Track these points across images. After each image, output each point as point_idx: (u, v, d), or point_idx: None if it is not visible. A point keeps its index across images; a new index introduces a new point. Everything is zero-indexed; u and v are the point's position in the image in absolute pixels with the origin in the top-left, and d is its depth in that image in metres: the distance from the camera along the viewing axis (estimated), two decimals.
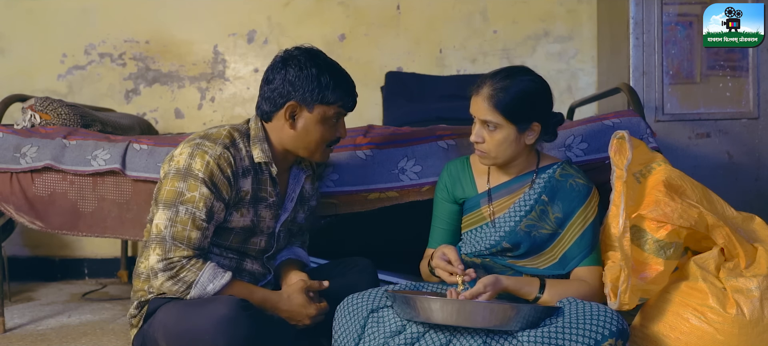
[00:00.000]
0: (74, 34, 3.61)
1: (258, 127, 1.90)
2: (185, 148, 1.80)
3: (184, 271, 1.74)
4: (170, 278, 1.74)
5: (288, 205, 1.98)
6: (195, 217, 1.75)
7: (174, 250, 1.74)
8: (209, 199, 1.76)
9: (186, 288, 1.75)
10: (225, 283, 1.77)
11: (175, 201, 1.75)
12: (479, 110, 1.82)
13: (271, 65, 1.89)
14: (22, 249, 3.58)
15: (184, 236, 1.74)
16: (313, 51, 1.89)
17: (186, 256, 1.74)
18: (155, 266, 1.74)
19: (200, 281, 1.74)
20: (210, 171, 1.76)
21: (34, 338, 2.48)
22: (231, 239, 1.87)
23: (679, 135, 3.05)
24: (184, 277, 1.74)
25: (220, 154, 1.78)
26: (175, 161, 1.79)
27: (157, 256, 1.74)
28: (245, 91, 3.65)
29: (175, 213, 1.74)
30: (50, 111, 2.49)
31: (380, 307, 1.74)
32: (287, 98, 1.84)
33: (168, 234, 1.74)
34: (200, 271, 1.75)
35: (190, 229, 1.75)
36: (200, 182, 1.75)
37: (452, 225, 1.98)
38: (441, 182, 2.01)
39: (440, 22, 3.63)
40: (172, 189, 1.76)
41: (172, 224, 1.74)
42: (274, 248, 1.98)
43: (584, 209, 1.87)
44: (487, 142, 1.83)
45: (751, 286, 1.77)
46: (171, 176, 1.77)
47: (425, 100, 3.30)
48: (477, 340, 1.62)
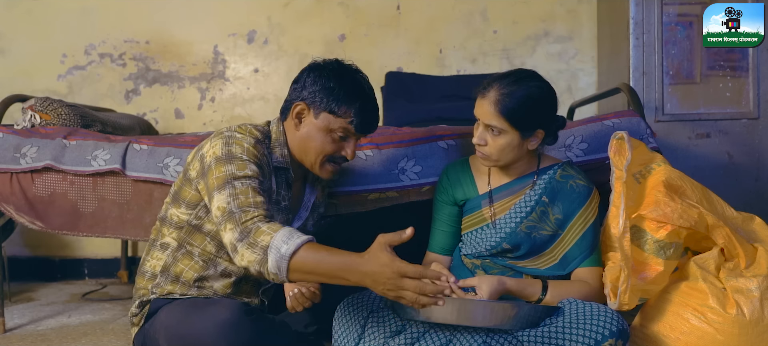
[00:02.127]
0: (74, 34, 3.61)
1: (279, 131, 1.88)
2: (217, 141, 1.76)
3: (260, 234, 1.58)
4: (248, 246, 1.58)
5: (303, 213, 1.97)
6: (253, 186, 1.69)
7: (244, 215, 1.63)
8: (259, 175, 1.72)
9: (263, 254, 1.55)
10: (301, 243, 1.53)
11: (228, 179, 1.69)
12: (484, 114, 1.81)
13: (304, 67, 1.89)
14: (22, 249, 3.58)
15: (251, 202, 1.65)
16: (347, 68, 1.85)
17: (258, 215, 1.63)
18: (233, 240, 1.61)
19: (274, 243, 1.54)
20: (252, 153, 1.74)
21: (34, 338, 2.48)
22: None
23: (679, 135, 3.05)
24: (260, 241, 1.56)
25: (255, 142, 1.77)
26: (210, 153, 1.74)
27: (231, 230, 1.62)
28: (245, 91, 3.65)
29: (232, 189, 1.67)
30: (50, 111, 2.50)
31: (380, 307, 1.74)
32: (299, 99, 1.83)
33: (234, 207, 1.64)
34: (275, 232, 1.57)
35: (253, 195, 1.67)
36: (246, 161, 1.72)
37: (452, 227, 1.98)
38: (440, 184, 2.00)
39: (440, 22, 3.63)
40: (220, 174, 1.70)
41: (234, 198, 1.66)
42: None
43: (585, 210, 1.87)
44: (489, 145, 1.82)
45: (751, 286, 1.77)
46: (215, 165, 1.72)
47: (425, 101, 3.30)
48: (477, 340, 1.62)
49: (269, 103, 3.63)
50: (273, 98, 3.63)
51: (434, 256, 1.99)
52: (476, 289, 1.74)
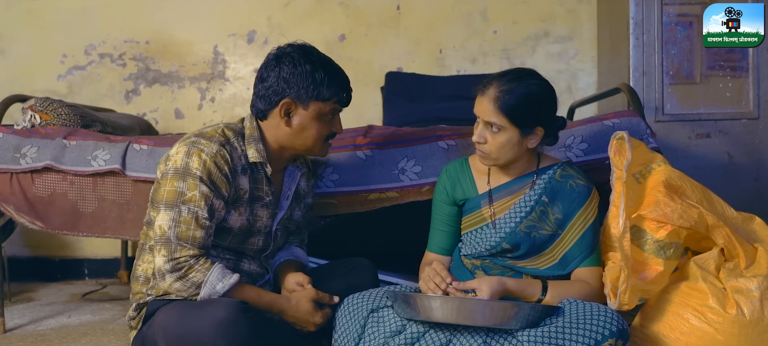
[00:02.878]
0: (74, 34, 3.61)
1: (253, 127, 1.89)
2: (181, 148, 1.79)
3: (193, 271, 1.73)
4: (179, 279, 1.73)
5: (284, 203, 1.98)
6: (198, 216, 1.74)
7: (180, 250, 1.73)
8: (209, 197, 1.75)
9: (195, 289, 1.74)
10: (234, 283, 1.75)
11: (176, 201, 1.74)
12: (484, 111, 1.81)
13: (264, 63, 1.89)
14: (22, 249, 3.58)
15: (189, 236, 1.74)
16: (307, 47, 1.88)
17: (193, 255, 1.73)
18: (162, 268, 1.73)
19: (209, 281, 1.73)
20: (207, 169, 1.75)
21: (34, 338, 2.48)
22: (229, 240, 1.87)
23: (679, 135, 3.05)
24: (192, 277, 1.73)
25: (217, 151, 1.77)
26: (172, 161, 1.78)
27: (164, 257, 1.73)
28: (245, 91, 3.65)
29: (177, 213, 1.74)
30: (50, 111, 2.50)
31: (380, 307, 1.74)
32: (282, 96, 1.83)
33: (173, 235, 1.73)
34: (208, 271, 1.74)
35: (194, 228, 1.74)
36: (198, 180, 1.74)
37: (452, 227, 1.98)
38: (440, 184, 2.00)
39: (440, 22, 3.63)
40: (172, 189, 1.76)
41: (175, 224, 1.73)
42: (272, 247, 1.98)
43: (584, 210, 1.87)
44: (489, 143, 1.82)
45: (751, 286, 1.77)
46: (170, 176, 1.77)
47: (425, 101, 3.30)
48: (477, 340, 1.62)
49: None
50: None
51: (433, 256, 1.99)
52: (476, 290, 1.74)
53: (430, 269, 1.80)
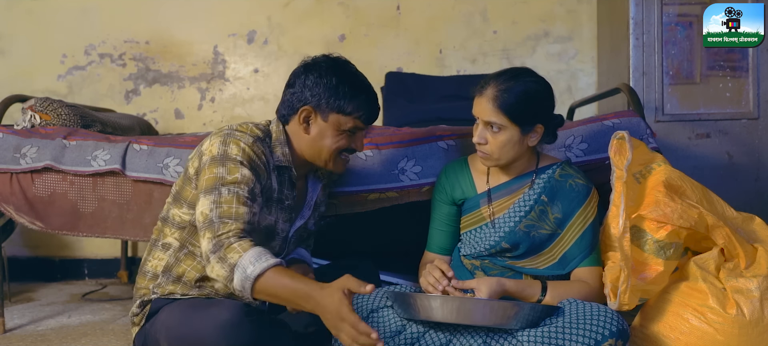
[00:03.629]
0: (74, 34, 3.61)
1: (279, 130, 1.88)
2: (215, 139, 1.76)
3: (231, 250, 1.60)
4: (219, 260, 1.61)
5: (306, 212, 1.97)
6: (238, 195, 1.69)
7: (222, 226, 1.65)
8: (251, 180, 1.72)
9: (229, 272, 1.59)
10: (266, 267, 1.57)
11: (216, 185, 1.70)
12: (483, 111, 1.82)
13: (295, 70, 1.88)
14: (22, 249, 3.58)
15: (232, 213, 1.66)
16: (340, 61, 1.86)
17: (235, 230, 1.64)
18: (207, 250, 1.64)
19: (241, 263, 1.58)
20: (247, 155, 1.73)
21: (34, 338, 2.48)
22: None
23: (679, 135, 3.05)
24: (230, 258, 1.60)
25: (254, 142, 1.76)
26: (207, 153, 1.75)
27: (208, 239, 1.65)
28: (245, 91, 3.65)
29: (218, 195, 1.68)
30: (50, 111, 2.50)
31: (380, 307, 1.74)
32: (303, 103, 1.82)
33: (215, 215, 1.66)
34: (245, 252, 1.59)
35: (237, 206, 1.67)
36: (239, 164, 1.72)
37: (451, 227, 1.98)
38: (439, 184, 2.01)
39: (440, 22, 3.63)
40: (211, 176, 1.71)
41: (216, 205, 1.67)
42: (284, 253, 1.97)
43: (584, 210, 1.87)
44: (490, 143, 1.82)
45: (751, 286, 1.77)
46: (208, 165, 1.73)
47: (425, 101, 3.30)
48: (477, 340, 1.62)
49: (269, 104, 3.63)
50: (273, 98, 3.63)
51: (433, 256, 2.00)
52: (475, 291, 1.74)
53: (431, 265, 1.81)
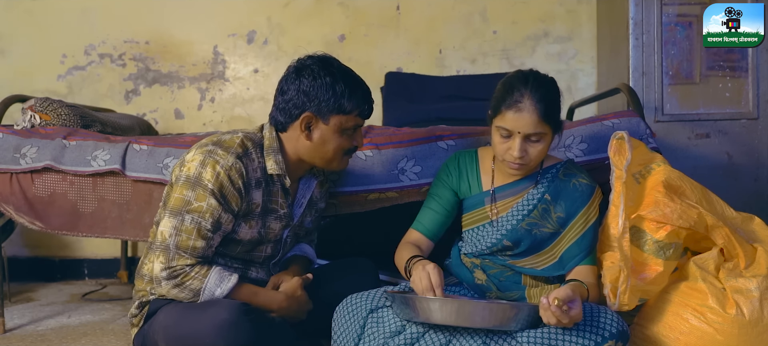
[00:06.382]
0: (74, 34, 3.61)
1: (272, 138, 1.86)
2: (197, 155, 1.77)
3: (189, 279, 1.74)
4: (176, 286, 1.74)
5: (297, 211, 1.97)
6: (200, 227, 1.74)
7: (177, 259, 1.73)
8: (216, 210, 1.74)
9: (194, 295, 1.75)
10: (232, 286, 1.76)
11: (181, 209, 1.74)
12: (526, 125, 1.75)
13: (284, 75, 1.86)
14: (22, 249, 3.58)
15: (188, 246, 1.74)
16: (327, 59, 1.84)
17: (189, 264, 1.74)
18: (159, 275, 1.74)
19: (207, 287, 1.74)
20: (220, 183, 1.74)
21: (34, 338, 2.48)
22: (237, 250, 1.87)
23: (679, 135, 3.05)
24: (190, 285, 1.74)
25: (232, 165, 1.75)
26: (186, 168, 1.77)
27: (161, 264, 1.74)
28: (245, 91, 3.66)
29: (180, 222, 1.73)
30: (50, 112, 2.50)
31: (380, 307, 1.74)
32: (302, 109, 1.81)
33: (172, 243, 1.73)
34: (205, 277, 1.74)
35: (195, 238, 1.74)
36: (209, 193, 1.73)
37: (444, 210, 1.95)
38: (448, 167, 1.98)
39: (440, 22, 3.63)
40: (179, 197, 1.75)
41: (176, 232, 1.73)
42: (280, 254, 1.98)
43: (587, 209, 1.87)
44: (530, 154, 1.79)
45: (750, 286, 1.77)
46: (181, 183, 1.76)
47: (425, 101, 3.30)
48: (477, 341, 1.62)
49: (269, 104, 3.56)
50: (273, 99, 3.62)
51: (417, 235, 1.94)
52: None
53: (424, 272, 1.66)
